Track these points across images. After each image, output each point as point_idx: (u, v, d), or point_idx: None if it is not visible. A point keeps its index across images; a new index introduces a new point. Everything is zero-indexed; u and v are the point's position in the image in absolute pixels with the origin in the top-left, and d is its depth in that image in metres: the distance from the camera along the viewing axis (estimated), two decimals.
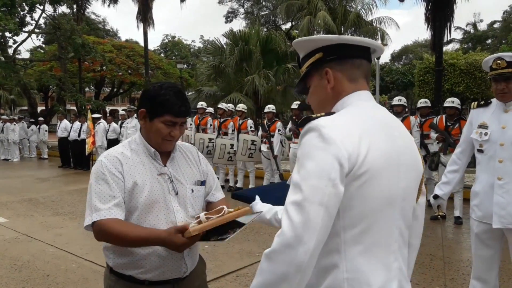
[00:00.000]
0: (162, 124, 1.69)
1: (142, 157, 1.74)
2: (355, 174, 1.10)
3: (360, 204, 1.13)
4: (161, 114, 1.68)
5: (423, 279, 4.09)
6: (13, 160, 15.71)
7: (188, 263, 1.77)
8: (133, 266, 1.69)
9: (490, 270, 2.82)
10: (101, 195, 1.63)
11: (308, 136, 1.14)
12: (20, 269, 4.46)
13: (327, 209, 1.06)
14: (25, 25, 19.34)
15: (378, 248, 1.18)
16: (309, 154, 1.11)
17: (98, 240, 1.66)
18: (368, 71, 1.31)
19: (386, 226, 1.19)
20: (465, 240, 5.36)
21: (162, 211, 1.71)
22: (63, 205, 7.66)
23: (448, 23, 13.99)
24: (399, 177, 1.20)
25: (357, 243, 1.15)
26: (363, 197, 1.13)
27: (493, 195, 2.66)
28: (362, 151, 1.11)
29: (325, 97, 1.31)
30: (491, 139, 2.69)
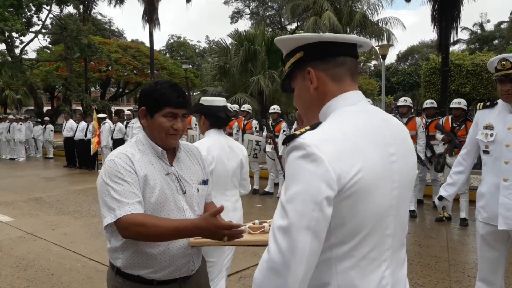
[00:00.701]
0: (164, 118, 1.70)
1: (150, 157, 1.75)
2: (345, 194, 1.04)
3: (351, 221, 1.08)
4: (161, 107, 1.70)
5: (428, 281, 4.07)
6: (19, 159, 15.81)
7: (195, 261, 1.78)
8: (143, 265, 1.69)
9: (496, 272, 2.80)
10: (122, 193, 1.61)
11: (293, 155, 1.07)
12: (25, 268, 4.48)
13: (315, 234, 1.01)
14: (32, 26, 19.47)
15: (370, 260, 1.14)
16: (295, 175, 1.04)
17: (126, 237, 1.63)
18: (354, 68, 1.24)
19: (378, 237, 1.14)
20: (471, 242, 5.33)
21: (172, 211, 1.72)
22: (68, 204, 7.69)
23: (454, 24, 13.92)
24: (392, 187, 1.15)
25: (348, 258, 1.11)
26: (355, 214, 1.08)
27: (498, 197, 2.64)
28: (353, 170, 1.04)
29: (310, 99, 1.24)
30: (496, 140, 2.67)
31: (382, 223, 1.14)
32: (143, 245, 1.67)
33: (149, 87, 1.78)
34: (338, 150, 1.05)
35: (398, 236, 1.22)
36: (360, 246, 1.11)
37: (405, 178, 1.21)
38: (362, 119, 1.17)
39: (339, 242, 1.09)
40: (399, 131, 1.24)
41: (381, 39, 22.04)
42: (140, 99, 1.79)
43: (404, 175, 1.20)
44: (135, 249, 1.68)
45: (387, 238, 1.17)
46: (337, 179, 1.02)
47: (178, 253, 1.70)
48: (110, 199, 1.61)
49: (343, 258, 1.10)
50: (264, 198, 8.34)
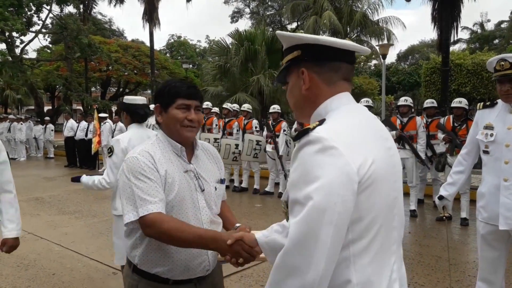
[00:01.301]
0: (177, 110, 1.73)
1: (169, 154, 1.76)
2: (363, 186, 1.05)
3: (368, 215, 1.09)
4: (173, 100, 1.73)
5: (429, 280, 4.07)
6: (19, 159, 15.82)
7: (211, 261, 1.79)
8: (159, 263, 1.70)
9: (496, 271, 2.80)
10: (145, 190, 1.61)
11: (308, 149, 1.06)
12: (26, 268, 4.49)
13: (337, 228, 1.01)
14: (32, 25, 19.47)
15: (382, 254, 1.16)
16: (312, 170, 1.03)
17: (148, 235, 1.63)
18: (348, 74, 1.25)
19: (387, 231, 1.17)
20: (471, 242, 5.33)
21: (190, 209, 1.73)
22: (69, 204, 7.70)
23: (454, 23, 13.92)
24: (394, 179, 1.19)
25: (366, 254, 1.11)
26: (371, 207, 1.09)
27: (499, 197, 2.65)
28: (368, 161, 1.06)
29: (300, 98, 1.26)
30: (496, 140, 2.68)
31: (389, 215, 1.17)
32: (161, 243, 1.67)
33: (161, 85, 1.84)
34: (353, 142, 1.07)
35: (400, 229, 1.25)
36: (375, 240, 1.12)
37: (400, 171, 1.26)
38: (361, 116, 1.22)
39: (357, 237, 1.09)
40: (385, 129, 1.29)
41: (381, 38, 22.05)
42: (154, 98, 1.83)
43: (399, 169, 1.25)
44: (152, 246, 1.69)
45: (393, 231, 1.20)
46: (357, 171, 1.03)
47: (194, 253, 1.71)
48: (133, 196, 1.61)
49: (361, 254, 1.10)
50: (264, 197, 8.35)
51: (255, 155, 8.50)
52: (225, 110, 9.80)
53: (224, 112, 9.83)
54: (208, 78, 19.97)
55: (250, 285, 3.99)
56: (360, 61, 34.83)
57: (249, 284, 4.00)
